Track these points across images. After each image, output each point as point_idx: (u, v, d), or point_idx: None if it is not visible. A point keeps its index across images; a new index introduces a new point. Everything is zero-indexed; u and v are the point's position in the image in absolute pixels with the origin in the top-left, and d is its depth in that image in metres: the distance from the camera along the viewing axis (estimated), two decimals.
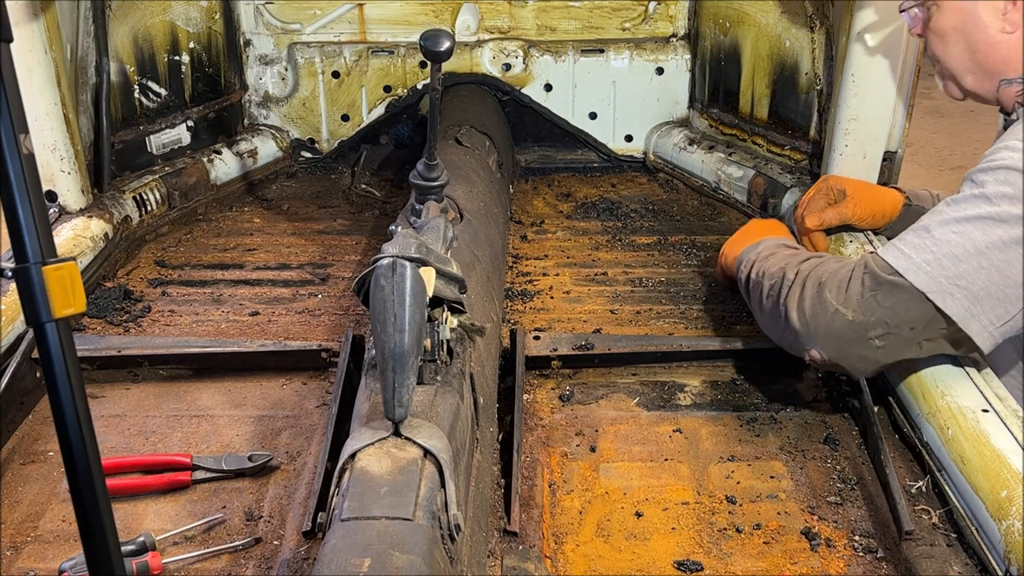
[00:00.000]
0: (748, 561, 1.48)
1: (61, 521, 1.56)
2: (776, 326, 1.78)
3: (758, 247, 1.98)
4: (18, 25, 2.08)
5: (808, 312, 1.68)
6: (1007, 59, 1.71)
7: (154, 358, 1.94)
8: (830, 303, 1.65)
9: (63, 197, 2.31)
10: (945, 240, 1.56)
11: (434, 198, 1.81)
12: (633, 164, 3.18)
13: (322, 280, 2.39)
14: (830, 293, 1.65)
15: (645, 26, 3.08)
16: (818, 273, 1.70)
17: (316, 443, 1.74)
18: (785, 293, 1.73)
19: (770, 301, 1.79)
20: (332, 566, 1.06)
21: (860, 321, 1.62)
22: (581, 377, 1.96)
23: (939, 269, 1.56)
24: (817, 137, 2.55)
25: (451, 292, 1.43)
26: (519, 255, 2.52)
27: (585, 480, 1.66)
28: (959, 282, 1.55)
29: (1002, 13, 1.68)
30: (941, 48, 1.79)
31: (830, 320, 1.64)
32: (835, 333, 1.65)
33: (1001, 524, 1.39)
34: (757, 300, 1.85)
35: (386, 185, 3.03)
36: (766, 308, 1.81)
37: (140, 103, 2.67)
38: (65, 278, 0.94)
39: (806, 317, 1.68)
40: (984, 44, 1.72)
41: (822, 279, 1.68)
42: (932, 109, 5.92)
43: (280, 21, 3.07)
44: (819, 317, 1.66)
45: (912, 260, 1.58)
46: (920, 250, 1.58)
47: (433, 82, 1.68)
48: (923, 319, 1.59)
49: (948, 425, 1.59)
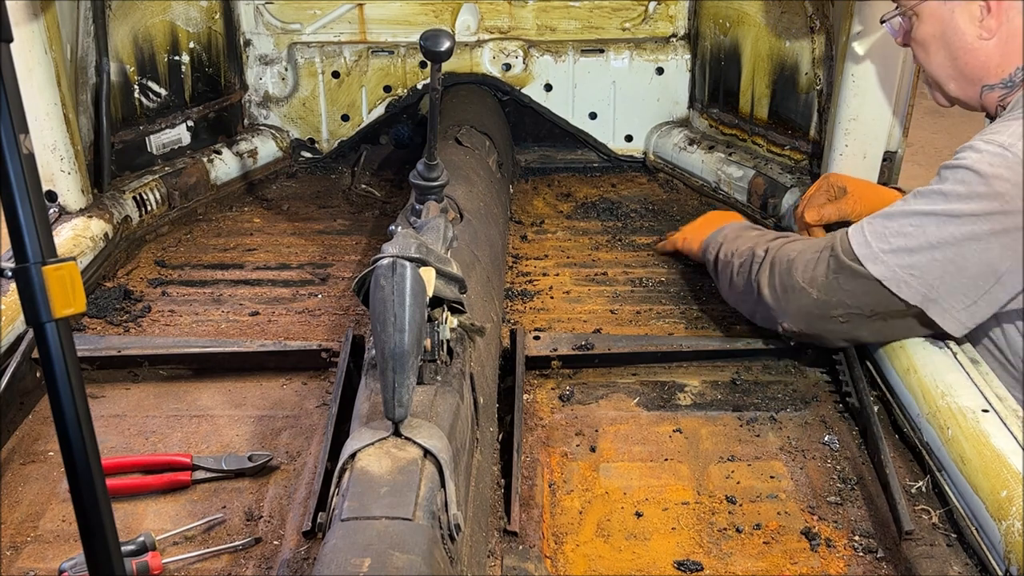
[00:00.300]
0: (748, 561, 1.48)
1: (61, 521, 1.56)
2: (748, 300, 1.89)
3: (723, 230, 2.09)
4: (18, 25, 2.08)
5: (779, 288, 1.78)
6: (986, 65, 1.74)
7: (154, 358, 1.94)
8: (797, 281, 1.75)
9: (63, 197, 2.31)
10: (903, 232, 1.64)
11: (434, 198, 1.81)
12: (633, 164, 3.18)
13: (322, 280, 2.39)
14: (797, 272, 1.75)
15: (645, 26, 3.08)
16: (787, 251, 1.80)
17: (316, 443, 1.74)
18: (756, 269, 1.84)
19: (741, 278, 1.89)
20: (332, 566, 1.06)
21: (824, 300, 1.72)
22: (581, 377, 1.96)
23: (895, 259, 1.64)
24: (817, 137, 2.55)
25: (451, 292, 1.43)
26: (519, 255, 2.52)
27: (585, 480, 1.66)
28: (913, 271, 1.63)
29: (979, 20, 1.72)
30: (924, 56, 1.83)
31: (797, 297, 1.75)
32: (803, 310, 1.76)
33: (1001, 524, 1.39)
34: (727, 278, 1.96)
35: (386, 185, 3.03)
36: (737, 285, 1.92)
37: (140, 103, 2.67)
38: (65, 278, 0.94)
39: (776, 293, 1.78)
40: (963, 51, 1.75)
41: (791, 257, 1.77)
42: (932, 109, 5.91)
43: (280, 21, 3.07)
44: (788, 293, 1.77)
45: (871, 248, 1.66)
46: (880, 239, 1.66)
47: (433, 82, 1.68)
48: (881, 304, 1.68)
49: (948, 425, 1.59)
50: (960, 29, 1.74)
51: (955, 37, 1.75)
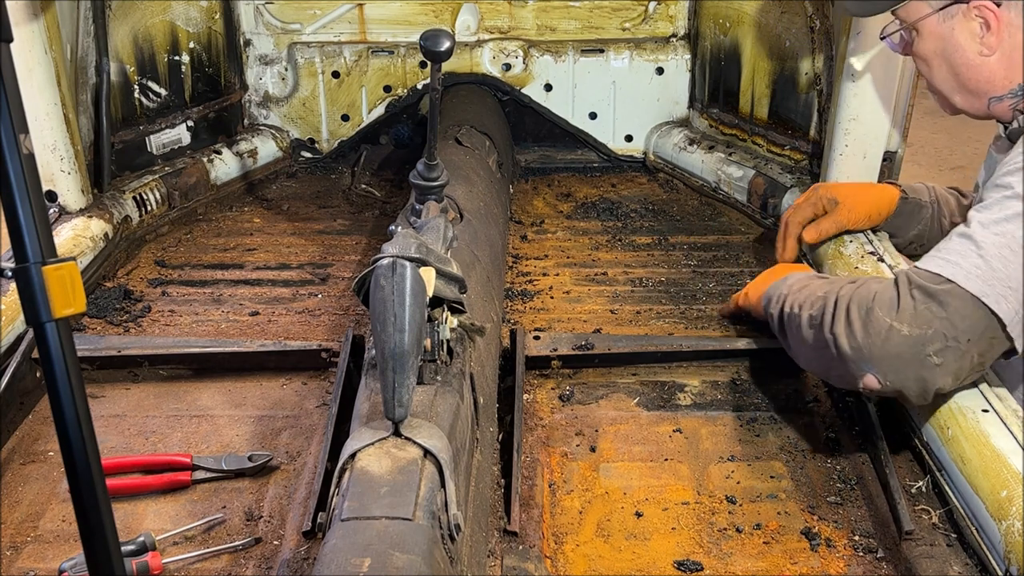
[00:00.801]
0: (748, 561, 1.48)
1: (61, 521, 1.56)
2: (822, 357, 1.68)
3: (787, 280, 1.90)
4: (18, 25, 2.08)
5: (860, 335, 1.59)
6: (991, 79, 1.71)
7: (154, 358, 1.94)
8: (883, 321, 1.57)
9: (63, 197, 2.31)
10: (989, 242, 1.53)
11: (434, 198, 1.81)
12: (633, 164, 3.18)
13: (322, 280, 2.39)
14: (881, 311, 1.57)
15: (645, 26, 3.08)
16: (862, 295, 1.62)
17: (316, 443, 1.74)
18: (830, 321, 1.64)
19: (812, 331, 1.69)
20: (332, 566, 1.06)
21: (917, 335, 1.54)
22: (581, 377, 1.96)
23: (990, 272, 1.52)
24: (817, 137, 2.55)
25: (451, 292, 1.43)
26: (519, 255, 2.52)
27: (585, 480, 1.66)
28: (1011, 284, 1.51)
29: (979, 37, 1.68)
30: (927, 71, 1.80)
31: (885, 339, 1.56)
32: (892, 351, 1.56)
33: (1001, 524, 1.39)
34: (795, 333, 1.76)
35: (386, 185, 3.03)
36: (807, 339, 1.71)
37: (140, 103, 2.67)
38: (65, 278, 0.94)
39: (858, 341, 1.59)
40: (965, 67, 1.72)
41: (868, 301, 1.60)
42: (932, 109, 5.87)
43: (280, 21, 3.07)
44: (873, 338, 1.57)
45: (961, 267, 1.54)
46: (965, 256, 1.54)
47: (433, 82, 1.68)
48: (979, 327, 1.53)
49: (948, 425, 1.59)
50: (961, 46, 1.71)
51: (956, 54, 1.72)
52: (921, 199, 2.13)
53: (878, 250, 2.08)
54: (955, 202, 2.13)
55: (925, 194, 2.14)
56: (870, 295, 1.61)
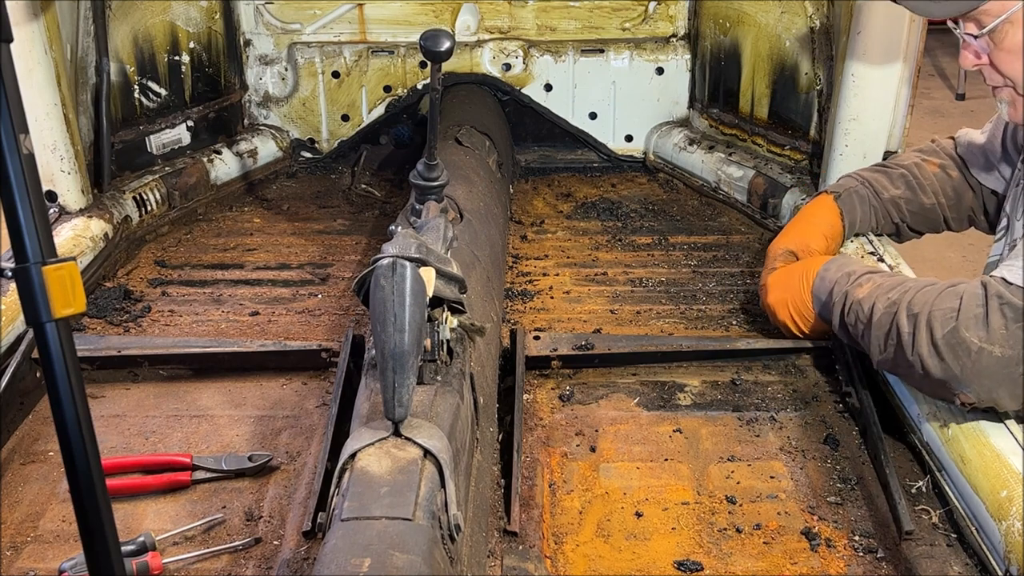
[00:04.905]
0: (748, 561, 1.48)
1: (61, 521, 1.56)
2: (911, 375, 1.64)
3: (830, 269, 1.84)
4: (18, 25, 2.08)
5: (949, 358, 1.53)
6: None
7: (154, 358, 1.94)
8: (971, 342, 1.51)
9: (63, 197, 2.31)
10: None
11: (434, 198, 1.81)
12: (633, 164, 3.17)
13: (322, 280, 2.39)
14: (968, 332, 1.51)
15: (645, 26, 3.08)
16: (939, 311, 1.56)
17: (316, 443, 1.74)
18: (910, 342, 1.58)
19: (891, 351, 1.64)
20: (332, 566, 1.06)
21: (1009, 356, 1.49)
22: (581, 377, 1.96)
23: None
24: (817, 137, 2.55)
25: (451, 292, 1.43)
26: (519, 255, 2.52)
27: (585, 480, 1.66)
28: None
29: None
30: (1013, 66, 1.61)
31: (975, 360, 1.51)
32: (984, 373, 1.51)
33: (1001, 524, 1.39)
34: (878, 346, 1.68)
35: (386, 185, 3.03)
36: (888, 356, 1.67)
37: (140, 103, 2.67)
38: (65, 278, 0.94)
39: (948, 363, 1.54)
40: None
41: (952, 318, 1.54)
42: (932, 109, 5.91)
43: (280, 21, 3.07)
44: (963, 360, 1.52)
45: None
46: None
47: (433, 82, 1.68)
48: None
49: (948, 425, 1.59)
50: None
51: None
52: (847, 185, 2.10)
53: (878, 250, 2.08)
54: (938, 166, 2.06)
55: (849, 181, 2.11)
56: (952, 311, 1.54)
